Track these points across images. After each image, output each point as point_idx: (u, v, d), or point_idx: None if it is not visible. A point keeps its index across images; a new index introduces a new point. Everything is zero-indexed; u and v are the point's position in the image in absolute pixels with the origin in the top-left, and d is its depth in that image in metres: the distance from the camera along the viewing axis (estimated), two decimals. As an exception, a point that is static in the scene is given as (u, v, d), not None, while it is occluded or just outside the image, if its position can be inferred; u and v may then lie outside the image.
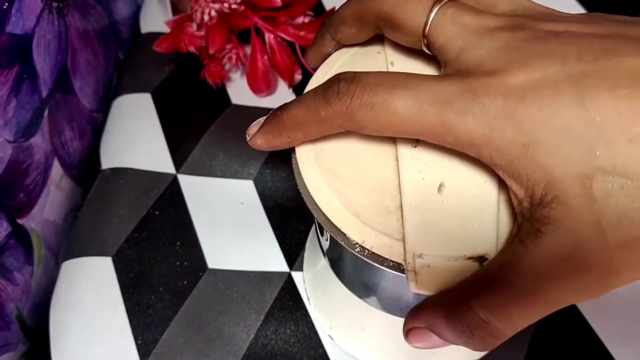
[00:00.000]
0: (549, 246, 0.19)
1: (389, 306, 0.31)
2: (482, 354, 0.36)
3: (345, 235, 0.24)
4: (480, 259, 0.21)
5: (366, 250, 0.23)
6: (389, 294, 0.29)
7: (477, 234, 0.22)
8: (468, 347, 0.22)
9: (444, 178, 0.23)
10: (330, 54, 0.28)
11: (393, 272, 0.23)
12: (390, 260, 0.23)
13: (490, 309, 0.20)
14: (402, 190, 0.23)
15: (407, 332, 0.24)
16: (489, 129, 0.19)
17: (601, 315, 0.38)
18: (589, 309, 0.38)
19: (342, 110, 0.21)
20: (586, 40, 0.19)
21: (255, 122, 0.26)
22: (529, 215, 0.19)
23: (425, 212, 0.22)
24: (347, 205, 0.23)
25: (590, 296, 0.19)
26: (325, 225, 0.24)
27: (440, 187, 0.23)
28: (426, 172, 0.23)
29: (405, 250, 0.22)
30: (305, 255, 0.40)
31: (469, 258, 0.21)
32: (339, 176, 0.24)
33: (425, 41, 0.23)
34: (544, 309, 0.20)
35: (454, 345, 0.35)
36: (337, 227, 0.24)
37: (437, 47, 0.22)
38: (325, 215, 0.24)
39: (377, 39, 0.28)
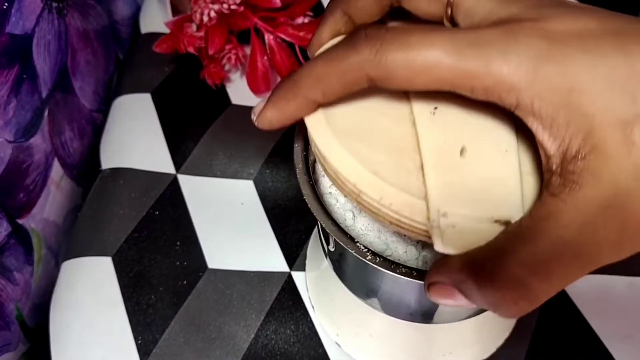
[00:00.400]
0: (588, 197, 0.18)
1: (395, 309, 0.31)
2: (488, 353, 0.36)
3: (355, 244, 0.23)
4: (507, 223, 0.20)
5: (378, 258, 0.23)
6: (395, 297, 0.29)
7: (503, 198, 0.21)
8: (496, 312, 0.20)
9: (465, 143, 0.22)
10: (338, 34, 0.26)
11: (405, 278, 0.23)
12: (403, 267, 0.23)
13: (530, 267, 0.19)
14: (423, 151, 0.22)
15: (429, 286, 0.22)
16: (533, 68, 0.18)
17: (601, 315, 0.38)
18: (589, 309, 0.38)
19: (370, 56, 0.20)
20: (609, 12, 0.20)
21: (260, 100, 0.24)
22: (560, 171, 0.19)
23: (448, 172, 0.21)
24: (363, 163, 0.22)
25: (629, 250, 0.19)
26: (335, 236, 0.24)
27: (462, 151, 0.22)
28: (446, 137, 0.22)
29: (428, 208, 0.21)
30: (307, 259, 0.40)
31: (496, 221, 0.21)
32: (353, 136, 0.23)
33: (449, 10, 0.22)
34: (584, 266, 0.19)
35: (462, 347, 0.35)
36: (347, 236, 0.24)
37: (463, 11, 0.21)
38: (333, 226, 0.24)
39: None
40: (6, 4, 0.36)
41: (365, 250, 0.24)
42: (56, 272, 0.42)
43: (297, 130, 0.28)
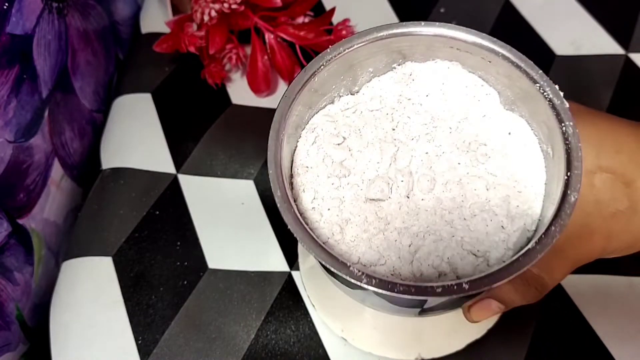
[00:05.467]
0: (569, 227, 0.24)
1: (393, 311, 0.31)
2: (482, 333, 0.37)
3: (349, 269, 0.23)
4: None
5: (374, 280, 0.23)
6: (392, 305, 0.29)
7: None
8: (523, 298, 0.29)
9: None
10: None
11: (405, 296, 0.23)
12: (401, 285, 0.22)
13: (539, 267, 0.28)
14: None
15: (469, 308, 0.30)
16: None
17: (601, 315, 0.38)
18: (589, 309, 0.38)
19: None
20: None
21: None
22: None
23: None
24: None
25: (595, 255, 0.29)
26: (330, 265, 0.24)
27: None
28: None
29: None
30: (300, 255, 0.40)
31: None
32: None
33: None
34: (571, 265, 0.29)
35: (457, 333, 0.35)
36: (341, 263, 0.24)
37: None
38: (331, 258, 0.24)
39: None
40: (6, 4, 0.36)
41: (360, 273, 0.23)
42: (56, 272, 0.42)
43: (269, 152, 0.26)
